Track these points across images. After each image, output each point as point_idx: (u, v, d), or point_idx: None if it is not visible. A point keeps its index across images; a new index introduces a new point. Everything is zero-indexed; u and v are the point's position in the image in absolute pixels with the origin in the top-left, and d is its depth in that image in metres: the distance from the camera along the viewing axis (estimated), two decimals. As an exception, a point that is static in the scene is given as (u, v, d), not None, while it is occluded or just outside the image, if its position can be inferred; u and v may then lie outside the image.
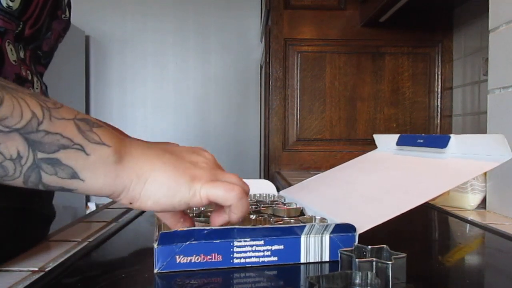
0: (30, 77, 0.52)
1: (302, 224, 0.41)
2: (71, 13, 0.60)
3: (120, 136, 0.38)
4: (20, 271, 0.42)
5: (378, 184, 0.56)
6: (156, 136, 2.66)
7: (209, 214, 0.52)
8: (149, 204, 0.38)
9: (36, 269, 0.43)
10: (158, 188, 0.37)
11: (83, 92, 2.59)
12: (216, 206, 0.43)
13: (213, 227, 0.39)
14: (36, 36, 0.53)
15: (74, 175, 0.34)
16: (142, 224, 0.63)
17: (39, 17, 0.51)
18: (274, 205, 0.58)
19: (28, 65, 0.52)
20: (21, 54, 0.51)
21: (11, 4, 0.47)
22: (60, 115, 0.34)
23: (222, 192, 0.39)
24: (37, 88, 0.53)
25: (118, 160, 0.36)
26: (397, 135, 0.67)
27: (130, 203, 0.38)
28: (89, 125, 0.35)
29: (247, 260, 0.40)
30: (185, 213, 0.44)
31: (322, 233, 0.41)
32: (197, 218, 0.51)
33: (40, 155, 0.33)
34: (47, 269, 0.42)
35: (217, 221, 0.42)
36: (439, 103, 1.61)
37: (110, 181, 0.36)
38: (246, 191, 0.41)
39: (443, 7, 1.55)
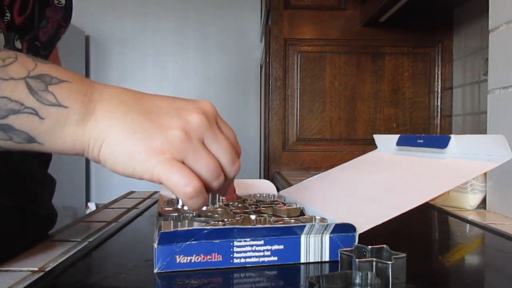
0: None
1: (302, 224, 0.41)
2: (73, 2, 0.59)
3: (85, 90, 0.34)
4: (20, 271, 0.42)
5: (378, 184, 0.56)
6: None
7: (209, 214, 0.52)
8: (107, 167, 0.35)
9: (36, 269, 0.43)
10: (111, 154, 0.34)
11: (83, 92, 2.58)
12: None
13: (213, 227, 0.39)
14: (30, 25, 0.51)
15: (31, 140, 0.32)
16: (142, 224, 0.63)
17: (26, 1, 0.49)
18: (274, 205, 0.58)
19: None
20: (18, 45, 0.49)
21: None
22: (8, 75, 0.31)
23: (174, 182, 0.34)
24: None
25: (77, 122, 0.33)
26: (397, 135, 0.67)
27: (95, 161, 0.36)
28: (45, 83, 0.32)
29: (247, 260, 0.40)
30: None
31: (322, 233, 0.41)
32: (197, 218, 0.51)
33: None
34: (47, 269, 0.42)
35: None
36: (439, 103, 1.61)
37: (69, 144, 0.34)
38: (212, 187, 0.37)
39: (443, 7, 1.55)
